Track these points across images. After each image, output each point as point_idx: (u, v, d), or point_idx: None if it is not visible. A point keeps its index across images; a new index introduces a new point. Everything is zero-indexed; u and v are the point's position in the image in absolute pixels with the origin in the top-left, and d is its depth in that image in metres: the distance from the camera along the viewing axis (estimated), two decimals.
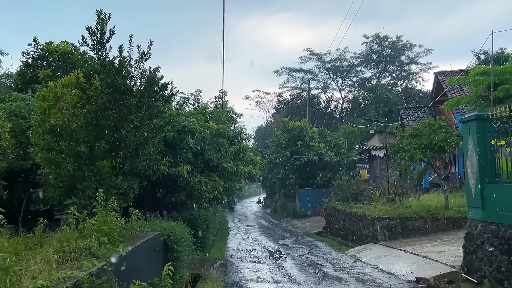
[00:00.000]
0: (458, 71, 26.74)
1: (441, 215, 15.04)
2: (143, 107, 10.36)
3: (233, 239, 21.79)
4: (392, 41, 61.17)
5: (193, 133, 14.71)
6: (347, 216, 18.95)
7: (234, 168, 17.42)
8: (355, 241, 17.44)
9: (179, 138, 14.62)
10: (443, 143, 14.04)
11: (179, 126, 14.59)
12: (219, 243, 19.10)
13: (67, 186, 10.29)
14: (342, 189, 21.52)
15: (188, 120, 14.80)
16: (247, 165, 20.41)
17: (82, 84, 9.88)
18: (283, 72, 65.83)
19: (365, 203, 19.93)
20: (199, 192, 14.68)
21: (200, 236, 15.19)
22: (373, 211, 16.28)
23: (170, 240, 9.83)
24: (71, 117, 10.36)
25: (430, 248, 12.56)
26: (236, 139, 18.32)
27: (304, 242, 19.20)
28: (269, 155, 38.58)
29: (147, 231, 9.33)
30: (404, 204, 16.50)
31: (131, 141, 10.46)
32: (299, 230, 24.98)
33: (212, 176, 16.37)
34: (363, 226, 16.68)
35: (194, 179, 14.80)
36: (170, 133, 14.49)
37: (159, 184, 15.32)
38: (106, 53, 9.93)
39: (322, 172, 35.63)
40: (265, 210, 48.70)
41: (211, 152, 16.47)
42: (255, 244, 19.14)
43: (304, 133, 37.02)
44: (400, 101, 54.36)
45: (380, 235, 15.23)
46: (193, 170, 15.87)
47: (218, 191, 16.58)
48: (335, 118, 65.06)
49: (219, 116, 18.90)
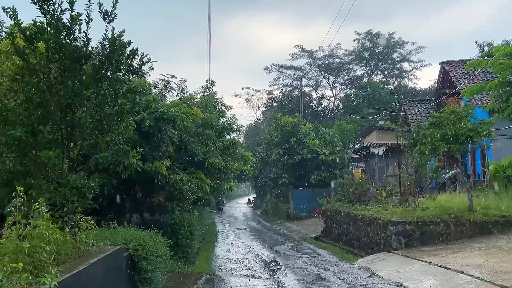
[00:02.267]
0: (466, 60, 24.73)
1: (466, 218, 12.83)
2: (103, 81, 7.90)
3: (222, 245, 19.36)
4: (384, 38, 60.19)
5: (174, 122, 12.25)
6: (351, 219, 16.66)
7: (223, 165, 14.99)
8: (362, 248, 15.16)
9: (157, 128, 12.15)
10: (471, 133, 11.83)
11: (157, 113, 12.12)
12: (206, 250, 16.63)
13: (3, 184, 7.84)
14: (344, 188, 19.22)
15: (167, 106, 12.35)
16: (237, 162, 18.00)
17: (21, 49, 7.39)
18: (273, 69, 63.98)
19: (370, 205, 17.70)
20: (181, 192, 12.24)
21: (182, 244, 12.74)
22: (385, 214, 14.01)
23: (138, 256, 7.40)
24: (9, 93, 7.90)
25: (463, 259, 10.29)
26: (226, 131, 15.88)
27: (303, 249, 16.86)
28: (260, 153, 36.16)
29: (104, 245, 6.88)
30: (420, 206, 14.28)
31: (88, 126, 8.01)
32: (294, 234, 22.64)
33: (197, 174, 13.93)
34: (373, 231, 14.39)
35: (175, 176, 12.34)
36: (146, 121, 12.03)
37: (133, 183, 12.84)
38: (54, 7, 7.46)
39: (316, 171, 33.37)
40: (255, 211, 46.34)
41: (196, 146, 14.02)
42: (247, 252, 16.73)
43: (297, 129, 34.72)
44: (393, 99, 53.06)
45: (395, 243, 12.95)
46: (175, 167, 13.42)
47: (204, 191, 14.15)
48: (326, 116, 63.32)
49: (206, 104, 16.44)
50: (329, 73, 64.80)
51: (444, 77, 24.93)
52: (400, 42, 60.29)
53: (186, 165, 14.79)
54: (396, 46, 60.21)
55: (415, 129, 14.20)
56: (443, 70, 24.65)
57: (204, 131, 14.40)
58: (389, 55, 61.67)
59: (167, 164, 11.99)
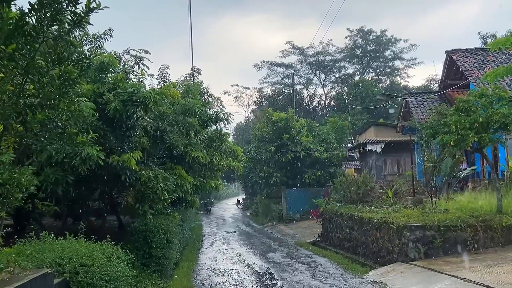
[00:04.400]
0: (474, 49, 22.85)
1: (496, 223, 10.77)
2: (34, 35, 5.63)
3: (208, 251, 17.09)
4: (376, 35, 59.04)
5: (146, 105, 9.97)
6: (355, 222, 14.54)
7: (207, 160, 12.76)
8: (369, 257, 13.06)
9: (125, 112, 9.87)
10: (508, 119, 9.77)
11: (125, 94, 9.86)
12: (188, 260, 14.33)
13: None
14: (345, 187, 17.10)
15: (137, 86, 10.08)
16: (225, 158, 15.77)
17: None
18: (263, 66, 62.57)
19: (375, 206, 15.63)
20: (155, 192, 9.99)
21: (157, 255, 10.47)
22: (398, 218, 11.92)
23: (78, 283, 5.13)
24: None
25: (505, 275, 8.21)
26: (211, 120, 13.58)
27: (300, 257, 14.68)
28: (250, 151, 33.92)
29: (23, 268, 4.62)
30: (438, 208, 12.22)
31: (13, 99, 5.74)
32: (288, 238, 20.46)
33: (177, 170, 11.70)
34: (383, 237, 12.29)
35: (148, 172, 10.08)
36: (111, 103, 9.77)
37: (96, 181, 10.56)
38: None
39: (310, 170, 31.28)
40: (244, 212, 44.14)
41: (175, 136, 11.76)
42: (237, 260, 14.50)
43: (290, 125, 32.61)
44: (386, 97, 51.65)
45: (413, 251, 10.84)
46: (149, 161, 11.18)
47: (185, 190, 11.91)
48: (318, 114, 61.69)
49: (188, 88, 14.15)
50: (320, 71, 63.72)
51: (449, 67, 22.97)
52: (392, 39, 59.45)
53: (165, 159, 12.56)
54: (388, 43, 59.36)
55: (434, 116, 12.15)
56: (449, 59, 22.68)
57: (185, 119, 12.16)
58: (381, 53, 60.93)
59: (137, 157, 9.73)
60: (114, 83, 10.40)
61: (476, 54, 21.94)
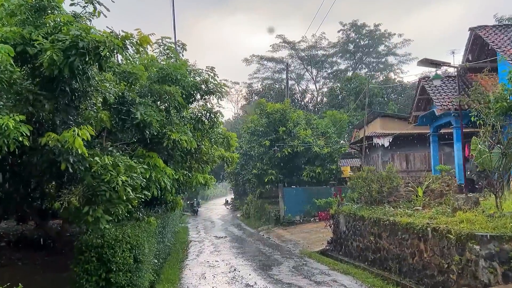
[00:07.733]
0: (504, 25, 19.90)
1: None
2: None
3: (194, 265, 13.70)
4: (369, 29, 56.85)
5: (100, 57, 6.55)
6: (384, 229, 11.31)
7: (194, 145, 9.35)
8: (410, 276, 9.86)
9: (67, 67, 6.43)
10: None
11: (67, 39, 6.44)
12: (167, 280, 10.81)
13: None
14: (364, 185, 13.86)
15: (87, 28, 6.65)
16: (216, 148, 12.41)
17: None
18: (253, 60, 59.61)
19: (402, 206, 12.50)
20: (113, 188, 6.58)
21: (119, 281, 7.07)
22: (453, 223, 8.73)
23: None
24: None
25: None
26: (198, 91, 10.11)
27: (314, 273, 11.38)
28: (242, 146, 30.55)
29: None
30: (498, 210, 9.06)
31: None
32: (291, 245, 17.16)
33: (150, 158, 8.27)
34: (433, 250, 9.07)
35: (103, 159, 6.65)
36: (46, 52, 6.36)
37: (26, 171, 7.12)
38: None
39: (309, 166, 28.18)
40: (234, 213, 40.82)
41: (148, 111, 8.31)
42: (232, 279, 11.12)
43: (286, 117, 29.43)
44: (381, 92, 49.21)
45: (486, 273, 7.65)
46: (106, 143, 7.79)
47: (163, 187, 8.47)
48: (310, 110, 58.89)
49: (168, 50, 10.70)
50: (312, 66, 61.11)
51: (473, 45, 19.95)
52: (386, 34, 57.20)
53: (137, 145, 9.18)
54: (382, 38, 57.15)
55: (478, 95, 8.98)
56: (473, 37, 19.65)
57: (162, 87, 8.72)
58: (374, 48, 58.70)
59: (86, 136, 6.31)
60: (55, 26, 6.98)
61: (506, 31, 18.96)
